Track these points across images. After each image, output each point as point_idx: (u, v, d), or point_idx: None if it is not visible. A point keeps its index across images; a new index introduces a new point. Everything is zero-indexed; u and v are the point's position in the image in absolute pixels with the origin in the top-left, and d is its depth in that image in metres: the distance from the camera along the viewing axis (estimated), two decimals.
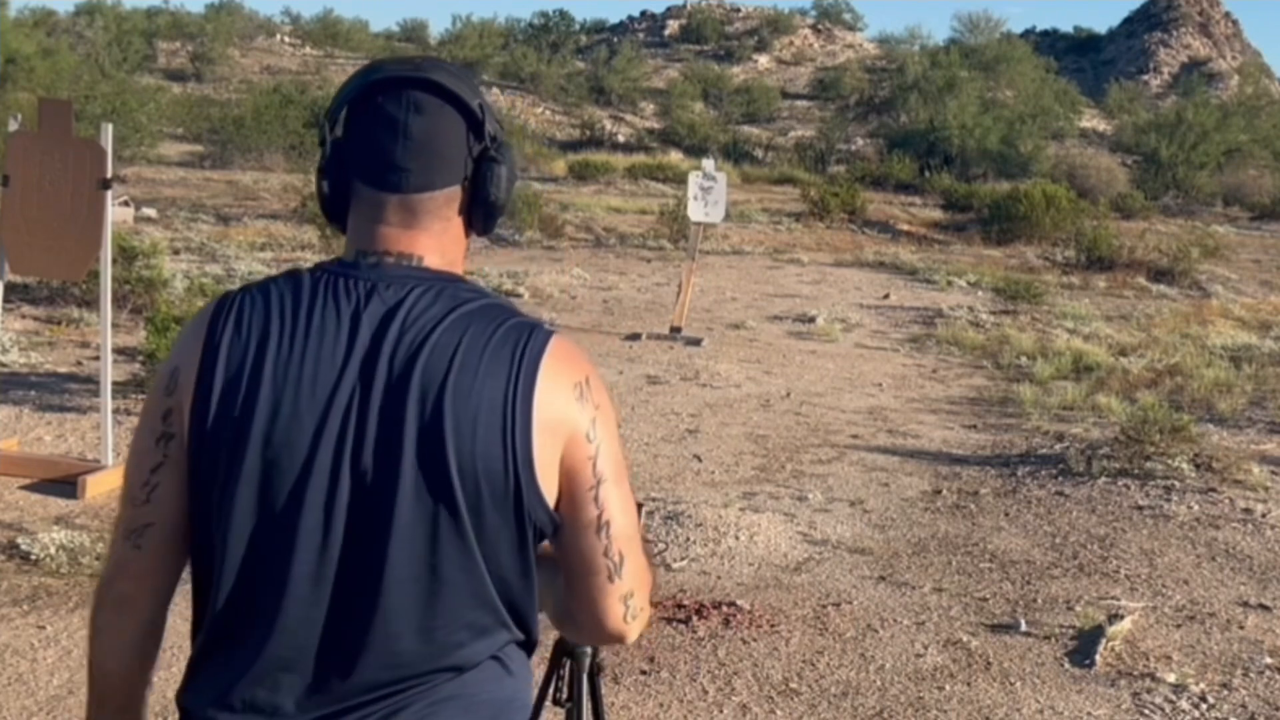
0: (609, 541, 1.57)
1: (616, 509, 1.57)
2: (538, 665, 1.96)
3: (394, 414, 1.49)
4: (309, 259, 13.92)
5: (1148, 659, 4.81)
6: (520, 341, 1.53)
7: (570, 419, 1.54)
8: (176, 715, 1.64)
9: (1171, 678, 4.63)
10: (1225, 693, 4.55)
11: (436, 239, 1.60)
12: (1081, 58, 66.54)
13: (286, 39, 52.51)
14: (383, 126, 1.57)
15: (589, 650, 2.30)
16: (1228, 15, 67.01)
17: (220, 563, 1.54)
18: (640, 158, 30.55)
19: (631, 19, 64.44)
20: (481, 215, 1.63)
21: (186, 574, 1.62)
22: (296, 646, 1.52)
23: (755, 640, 4.81)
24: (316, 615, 1.51)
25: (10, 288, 8.93)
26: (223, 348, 1.54)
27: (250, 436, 1.51)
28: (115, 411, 6.70)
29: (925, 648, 4.84)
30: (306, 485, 1.50)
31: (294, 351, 1.52)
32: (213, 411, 1.53)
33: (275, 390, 1.52)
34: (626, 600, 1.59)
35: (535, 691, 1.69)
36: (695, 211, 11.83)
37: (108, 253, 6.32)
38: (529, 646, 1.64)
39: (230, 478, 1.52)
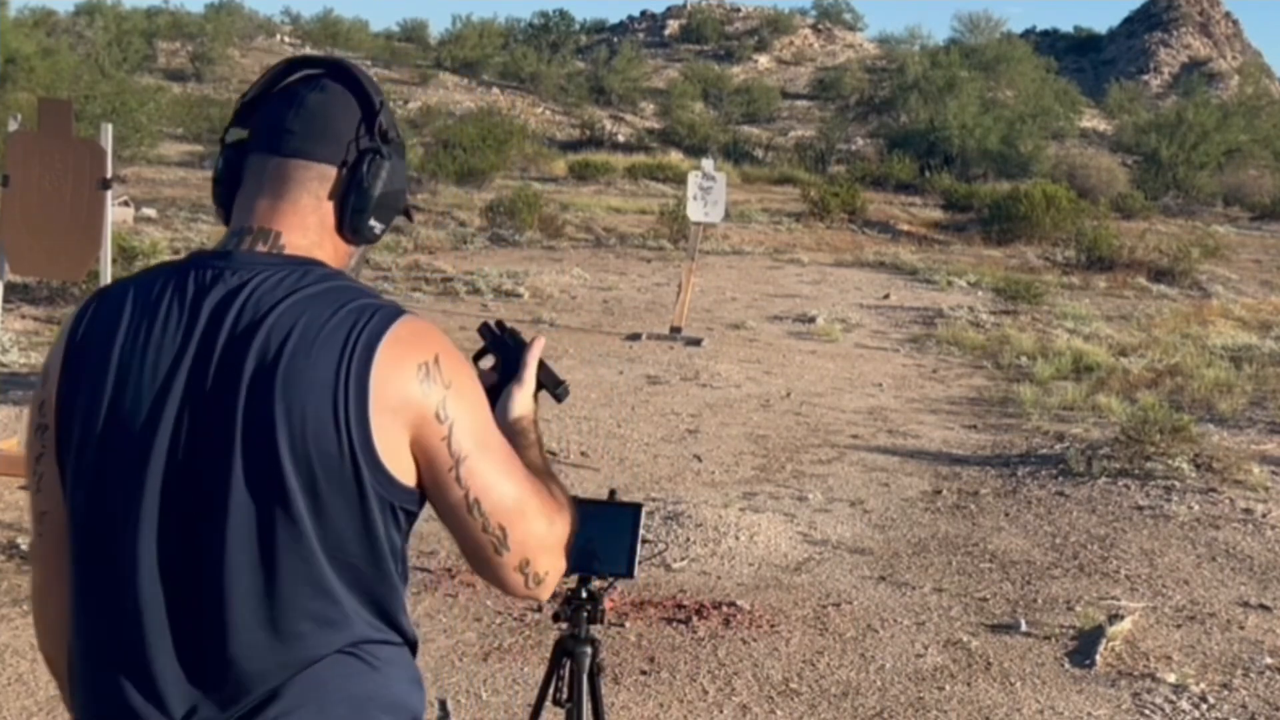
0: (484, 518, 1.55)
1: (485, 484, 1.54)
2: (538, 665, 1.96)
3: (225, 400, 1.48)
4: None
5: (1148, 659, 4.81)
6: (358, 323, 1.50)
7: (414, 400, 1.50)
8: None
9: (1171, 678, 4.63)
10: (1225, 693, 4.55)
11: (302, 217, 1.59)
12: (1081, 58, 66.55)
13: (286, 39, 52.50)
14: (283, 98, 1.62)
15: (589, 650, 2.30)
16: (1228, 15, 67.03)
17: (73, 557, 1.58)
18: (640, 158, 30.55)
19: (631, 19, 64.47)
20: (350, 205, 1.60)
21: None
22: (144, 641, 1.51)
23: (755, 640, 4.81)
24: (157, 607, 1.51)
25: (10, 288, 8.93)
26: (79, 339, 1.58)
27: (94, 427, 1.53)
28: None
29: (925, 648, 4.84)
30: (145, 473, 1.50)
31: (138, 340, 1.54)
32: (65, 403, 1.57)
33: (118, 380, 1.53)
34: (523, 569, 1.59)
35: (416, 692, 1.60)
36: (695, 211, 11.84)
37: (108, 253, 6.32)
38: (401, 634, 1.59)
39: (78, 467, 1.55)
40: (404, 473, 1.51)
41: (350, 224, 1.61)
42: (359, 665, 1.54)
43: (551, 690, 2.28)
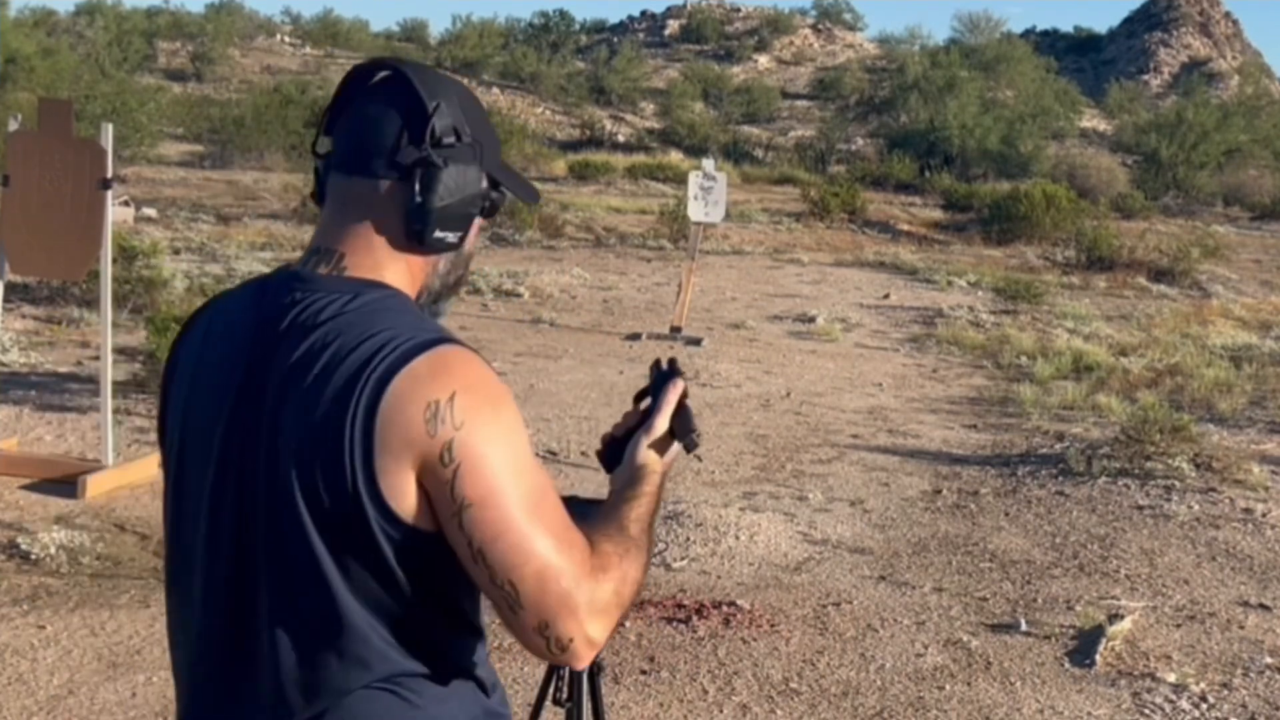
0: (491, 571, 1.44)
1: (492, 534, 1.42)
2: (538, 665, 1.96)
3: (254, 425, 1.48)
4: None
5: (1148, 659, 4.81)
6: (379, 354, 1.43)
7: (416, 441, 1.41)
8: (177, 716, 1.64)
9: (1171, 678, 4.63)
10: (1225, 693, 4.55)
11: (364, 237, 1.54)
12: (1081, 58, 66.55)
13: (286, 39, 52.51)
14: (347, 109, 1.58)
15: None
16: (1228, 15, 67.02)
17: (165, 573, 1.63)
18: (640, 158, 30.53)
19: (631, 19, 64.47)
20: (409, 220, 1.53)
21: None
22: (209, 660, 1.54)
23: (755, 640, 4.81)
24: (220, 628, 1.53)
25: (10, 288, 8.93)
26: (174, 355, 1.61)
27: (174, 445, 1.58)
28: (115, 411, 6.70)
29: (925, 648, 4.84)
30: (203, 495, 1.52)
31: (209, 358, 1.56)
32: (161, 421, 1.62)
33: (190, 397, 1.57)
34: (542, 632, 1.45)
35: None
36: (695, 211, 11.83)
37: (108, 253, 6.32)
38: (455, 672, 1.54)
39: (166, 483, 1.60)
40: (415, 515, 1.45)
41: (414, 238, 1.55)
42: (393, 701, 1.50)
43: (551, 690, 2.28)
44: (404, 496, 1.43)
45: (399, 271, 1.56)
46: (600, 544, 1.51)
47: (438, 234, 1.55)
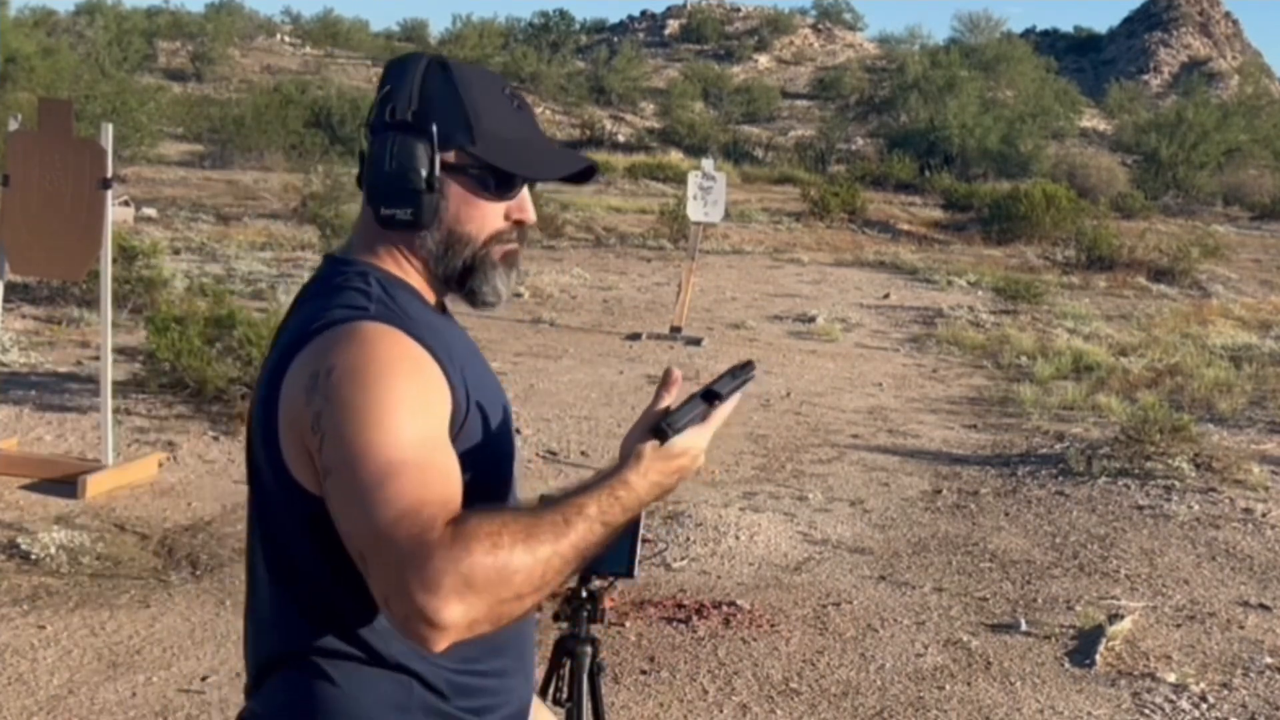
0: (348, 541, 1.42)
1: (342, 506, 1.41)
2: (538, 665, 1.96)
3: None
4: (309, 259, 13.94)
5: (1148, 659, 4.81)
6: (303, 329, 1.52)
7: (298, 410, 1.46)
8: (175, 714, 1.66)
9: (1171, 678, 4.63)
10: (1225, 693, 4.55)
11: (363, 220, 1.65)
12: (1081, 58, 66.56)
13: (286, 39, 52.51)
14: None
15: (589, 650, 2.30)
16: (1228, 15, 67.04)
17: None
18: (640, 157, 30.53)
19: (631, 19, 64.48)
20: (366, 187, 1.61)
21: (192, 577, 1.69)
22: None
23: (755, 640, 4.81)
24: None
25: (10, 288, 8.93)
26: None
27: None
28: (115, 411, 6.70)
29: (925, 647, 4.84)
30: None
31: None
32: None
33: None
34: (387, 606, 1.37)
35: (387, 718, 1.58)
36: (695, 211, 11.83)
37: (108, 252, 6.32)
38: (381, 659, 1.53)
39: None
40: (315, 486, 1.47)
41: (369, 201, 1.61)
42: (313, 677, 1.54)
43: (551, 690, 2.28)
44: (303, 467, 1.48)
45: (387, 251, 1.62)
46: (485, 523, 1.37)
47: (384, 210, 1.59)
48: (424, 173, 1.57)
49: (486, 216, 1.62)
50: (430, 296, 1.65)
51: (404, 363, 1.48)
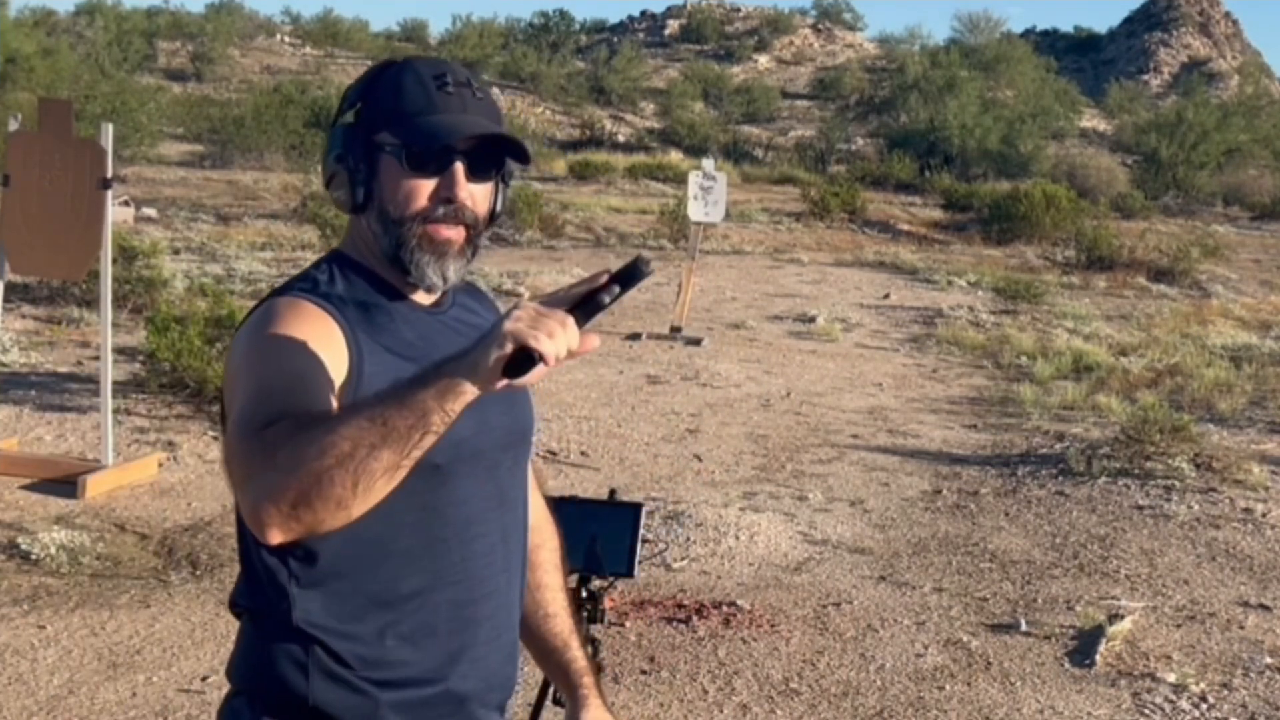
0: (224, 464, 1.60)
1: (226, 448, 1.55)
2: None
3: None
4: (309, 259, 13.91)
5: (1148, 659, 4.81)
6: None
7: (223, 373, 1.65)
8: (175, 714, 1.66)
9: (1171, 678, 4.63)
10: (1225, 693, 4.55)
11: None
12: (1081, 58, 66.52)
13: (286, 39, 52.48)
14: None
15: (589, 650, 2.29)
16: (1228, 15, 66.99)
17: None
18: (640, 157, 30.51)
19: (631, 19, 64.44)
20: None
21: (192, 577, 1.68)
22: None
23: (755, 640, 4.81)
24: None
25: (10, 288, 8.93)
26: None
27: None
28: (115, 411, 6.70)
29: (925, 648, 4.84)
30: None
31: None
32: None
33: None
34: (240, 506, 1.49)
35: (278, 669, 1.64)
36: (695, 211, 11.83)
37: (108, 252, 6.32)
38: (284, 619, 1.61)
39: None
40: None
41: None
42: (247, 630, 1.69)
43: (552, 690, 2.27)
44: None
45: (354, 239, 1.72)
46: (295, 419, 1.44)
47: (331, 193, 1.71)
48: (337, 151, 1.66)
49: (410, 194, 1.63)
50: (395, 281, 1.69)
51: (296, 321, 1.57)
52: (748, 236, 19.34)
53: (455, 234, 1.65)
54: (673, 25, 60.69)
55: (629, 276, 1.46)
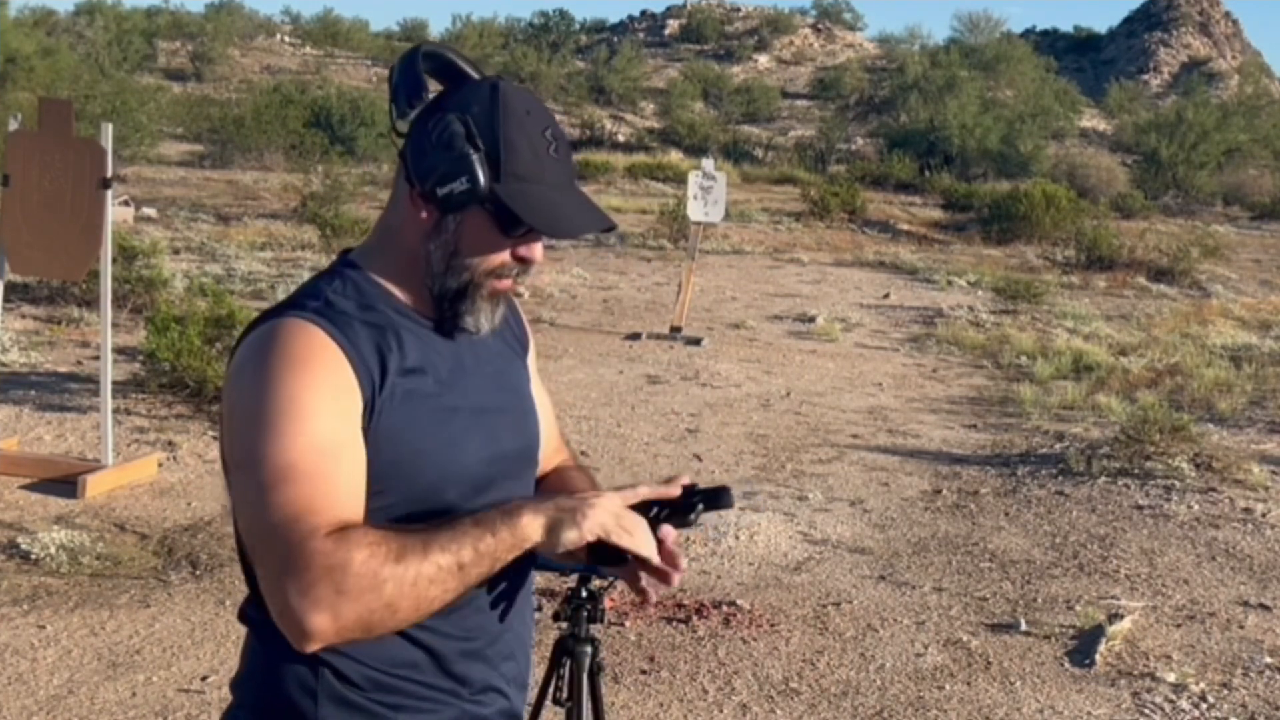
0: (243, 534, 1.55)
1: (238, 503, 1.53)
2: (538, 664, 1.96)
3: None
4: (309, 259, 13.93)
5: (1148, 659, 4.81)
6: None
7: (222, 402, 1.60)
8: (175, 714, 1.66)
9: (1171, 677, 4.63)
10: (1225, 692, 4.55)
11: (380, 222, 1.68)
12: (1081, 58, 66.54)
13: (286, 39, 52.51)
14: None
15: (589, 650, 2.30)
16: (1228, 15, 67.02)
17: None
18: (640, 157, 30.53)
19: (631, 19, 64.47)
20: (414, 170, 1.59)
21: (191, 577, 1.67)
22: None
23: (755, 640, 4.81)
24: None
25: (10, 288, 8.93)
26: None
27: None
28: (115, 411, 6.70)
29: (925, 647, 4.84)
30: None
31: None
32: None
33: None
34: (270, 600, 1.48)
35: (277, 684, 1.61)
36: (695, 211, 11.83)
37: (108, 252, 6.32)
38: (279, 635, 1.55)
39: None
40: None
41: (419, 189, 1.67)
42: (254, 644, 1.65)
43: (551, 690, 2.28)
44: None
45: (387, 255, 1.67)
46: (365, 535, 1.46)
47: (440, 190, 1.62)
48: (469, 175, 1.55)
49: (493, 250, 1.60)
50: (416, 303, 1.63)
51: (306, 362, 1.51)
52: (747, 236, 19.35)
53: (515, 284, 1.66)
54: (673, 25, 60.73)
55: (715, 500, 1.62)
